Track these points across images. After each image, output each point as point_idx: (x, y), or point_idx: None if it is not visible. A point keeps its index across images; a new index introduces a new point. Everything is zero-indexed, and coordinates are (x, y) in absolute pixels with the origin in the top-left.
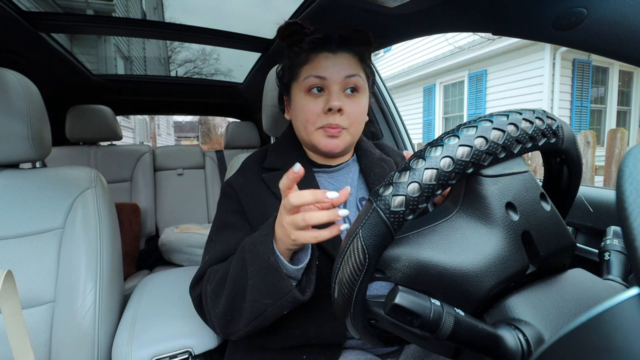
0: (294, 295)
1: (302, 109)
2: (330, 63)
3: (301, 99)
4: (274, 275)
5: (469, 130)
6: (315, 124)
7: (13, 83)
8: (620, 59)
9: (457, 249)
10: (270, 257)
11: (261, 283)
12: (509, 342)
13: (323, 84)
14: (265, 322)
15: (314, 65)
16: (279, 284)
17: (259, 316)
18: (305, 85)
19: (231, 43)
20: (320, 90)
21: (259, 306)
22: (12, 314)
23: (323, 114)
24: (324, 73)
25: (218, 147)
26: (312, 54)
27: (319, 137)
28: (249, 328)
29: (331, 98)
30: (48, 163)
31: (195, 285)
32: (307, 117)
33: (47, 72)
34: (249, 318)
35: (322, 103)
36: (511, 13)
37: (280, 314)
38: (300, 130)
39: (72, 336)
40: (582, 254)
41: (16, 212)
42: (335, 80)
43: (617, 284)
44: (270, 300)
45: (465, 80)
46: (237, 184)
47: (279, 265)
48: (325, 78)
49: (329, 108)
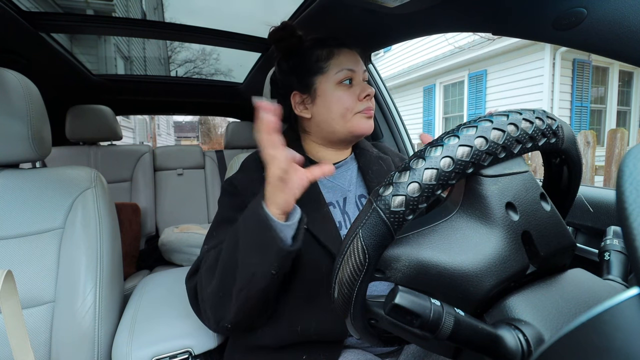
0: (279, 244)
1: (340, 99)
2: (353, 58)
3: (336, 90)
4: (260, 227)
5: (469, 130)
6: (354, 110)
7: (13, 83)
8: (620, 59)
9: (457, 249)
10: (258, 211)
11: (249, 239)
12: (509, 342)
13: (353, 75)
14: (255, 287)
15: (341, 59)
16: (263, 234)
17: (248, 283)
18: (337, 78)
19: (231, 43)
20: (349, 81)
21: (247, 269)
22: (12, 314)
23: (359, 101)
24: (353, 67)
25: (218, 147)
26: (336, 49)
27: (359, 121)
28: (240, 302)
29: (364, 86)
30: (48, 163)
31: (191, 277)
32: (347, 105)
33: (47, 72)
34: (239, 287)
35: (355, 92)
36: (511, 13)
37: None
38: (336, 120)
39: (72, 336)
40: (582, 254)
41: (16, 212)
42: (360, 72)
43: (617, 284)
44: (257, 257)
45: (465, 80)
46: (239, 181)
47: (265, 217)
48: (355, 71)
49: (367, 94)
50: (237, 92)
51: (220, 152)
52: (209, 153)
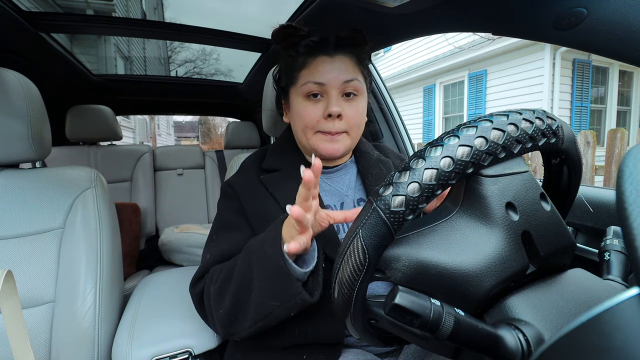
0: (303, 297)
1: (301, 114)
2: (328, 68)
3: (299, 104)
4: (282, 278)
5: (469, 130)
6: (314, 129)
7: (13, 83)
8: (620, 59)
9: (457, 249)
10: (279, 260)
11: (269, 285)
12: (509, 342)
13: (322, 89)
14: (271, 323)
15: (311, 70)
16: (287, 287)
17: (265, 318)
18: (303, 90)
19: (231, 43)
20: (319, 95)
21: (265, 308)
22: (12, 314)
23: (323, 119)
24: (322, 79)
25: (218, 147)
26: (310, 57)
27: (319, 142)
28: (254, 329)
29: (330, 103)
30: (48, 163)
31: (196, 284)
32: (306, 122)
33: (47, 72)
34: (254, 319)
35: (322, 108)
36: (511, 13)
37: (287, 316)
38: (299, 135)
39: (72, 336)
40: (582, 254)
41: (16, 212)
42: (334, 85)
43: (617, 284)
44: (277, 303)
45: (465, 80)
46: (237, 184)
47: (287, 268)
48: (323, 84)
49: (329, 114)
50: (237, 92)
51: (220, 152)
52: (209, 153)
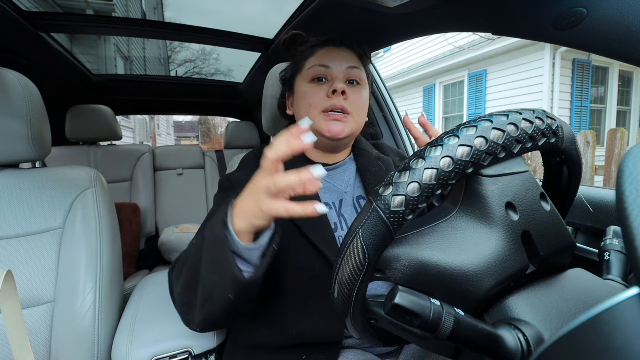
0: (234, 272)
1: (306, 94)
2: (334, 55)
3: (305, 87)
4: (218, 247)
5: (469, 130)
6: (319, 108)
7: (13, 83)
8: (620, 59)
9: (457, 249)
10: (220, 229)
11: (209, 256)
12: (509, 342)
13: (327, 73)
14: (215, 307)
15: (318, 56)
16: (221, 257)
17: (207, 300)
18: (309, 74)
19: (231, 43)
20: (324, 79)
21: (206, 288)
22: (12, 314)
23: (327, 97)
24: (328, 63)
25: (218, 147)
26: (317, 48)
27: (323, 122)
28: (202, 315)
29: (335, 82)
30: (48, 163)
31: (172, 270)
32: (311, 101)
33: (47, 72)
34: (200, 302)
35: (326, 89)
36: (511, 13)
37: (226, 299)
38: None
39: (72, 336)
40: (582, 254)
41: (16, 212)
42: (339, 69)
43: (617, 284)
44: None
45: (465, 80)
46: (235, 178)
47: (224, 237)
48: (329, 67)
49: (334, 90)
50: (237, 92)
51: (220, 152)
52: (209, 153)
